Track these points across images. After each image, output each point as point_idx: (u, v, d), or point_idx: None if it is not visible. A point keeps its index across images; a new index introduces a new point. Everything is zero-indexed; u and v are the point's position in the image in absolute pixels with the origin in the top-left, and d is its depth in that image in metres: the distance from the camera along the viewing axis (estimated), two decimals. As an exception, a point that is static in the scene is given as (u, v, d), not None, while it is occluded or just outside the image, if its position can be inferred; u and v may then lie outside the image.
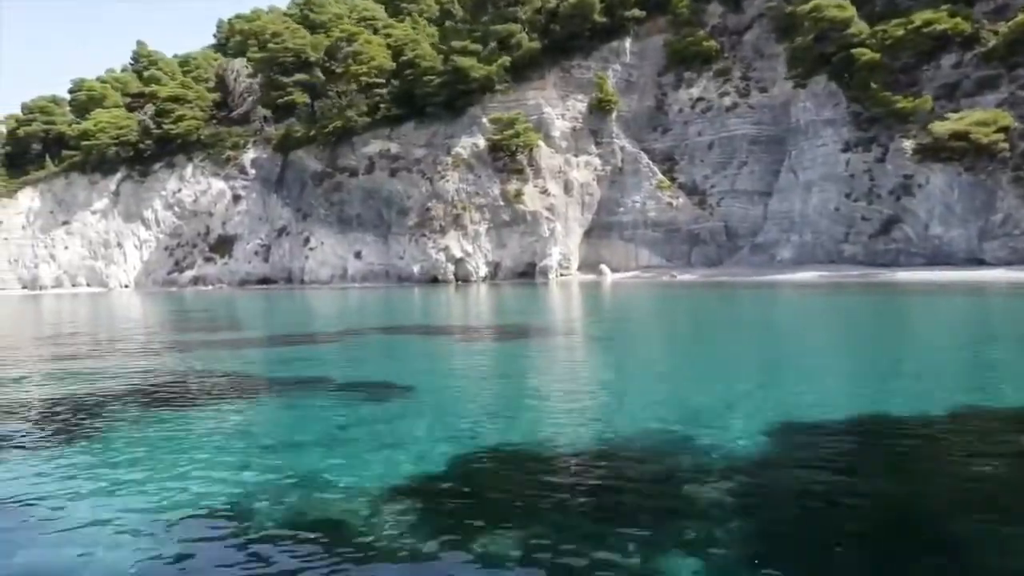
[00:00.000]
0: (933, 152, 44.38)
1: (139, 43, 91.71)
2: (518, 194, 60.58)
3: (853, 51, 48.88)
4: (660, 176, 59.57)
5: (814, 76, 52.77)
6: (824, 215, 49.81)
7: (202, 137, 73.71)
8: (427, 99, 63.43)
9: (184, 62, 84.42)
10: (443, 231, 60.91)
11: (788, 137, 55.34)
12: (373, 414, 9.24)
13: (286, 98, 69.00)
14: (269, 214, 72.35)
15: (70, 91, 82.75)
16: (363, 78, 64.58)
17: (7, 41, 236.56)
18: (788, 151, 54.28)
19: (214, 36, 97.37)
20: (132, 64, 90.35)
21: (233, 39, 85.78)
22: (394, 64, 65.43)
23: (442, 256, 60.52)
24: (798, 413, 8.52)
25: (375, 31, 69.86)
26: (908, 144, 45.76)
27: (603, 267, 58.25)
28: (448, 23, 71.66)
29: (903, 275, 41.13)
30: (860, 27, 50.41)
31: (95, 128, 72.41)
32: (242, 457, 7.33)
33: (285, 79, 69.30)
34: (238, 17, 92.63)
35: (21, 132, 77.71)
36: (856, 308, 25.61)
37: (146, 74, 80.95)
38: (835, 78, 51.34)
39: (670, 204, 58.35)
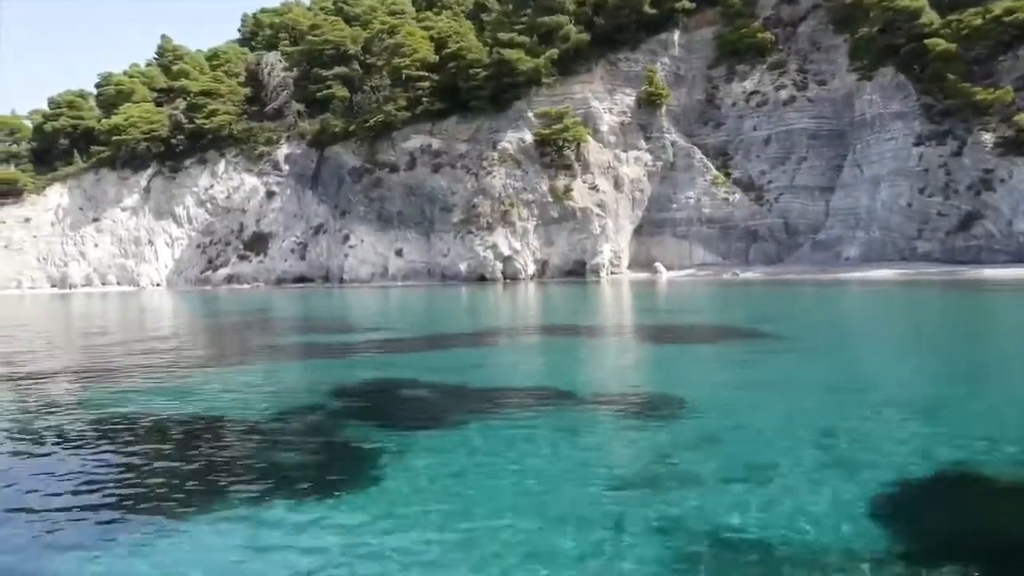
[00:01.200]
0: (1016, 145, 42.73)
1: (164, 37, 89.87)
2: (567, 190, 58.93)
3: (927, 42, 47.15)
4: (715, 171, 57.90)
5: (880, 68, 51.14)
6: (895, 211, 48.13)
7: (235, 132, 71.97)
8: (472, 93, 61.74)
9: (212, 56, 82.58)
10: (490, 228, 59.25)
11: (851, 131, 53.73)
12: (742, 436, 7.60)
13: (325, 92, 67.27)
14: (304, 211, 70.67)
15: (97, 85, 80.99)
16: (405, 71, 62.70)
17: (27, 37, 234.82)
18: (852, 145, 52.64)
19: (238, 31, 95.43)
20: (157, 59, 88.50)
21: (262, 33, 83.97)
22: (437, 57, 63.58)
23: (490, 254, 58.85)
24: None
25: (418, 22, 67.93)
26: (988, 137, 44.10)
27: (658, 265, 56.60)
28: (486, 15, 69.92)
29: (989, 272, 39.49)
30: (931, 16, 48.77)
31: (126, 123, 70.68)
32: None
33: (324, 72, 67.53)
34: (264, 11, 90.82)
35: (48, 127, 75.93)
36: (984, 306, 23.99)
37: (175, 68, 79.11)
38: (904, 70, 49.69)
39: (726, 200, 56.70)
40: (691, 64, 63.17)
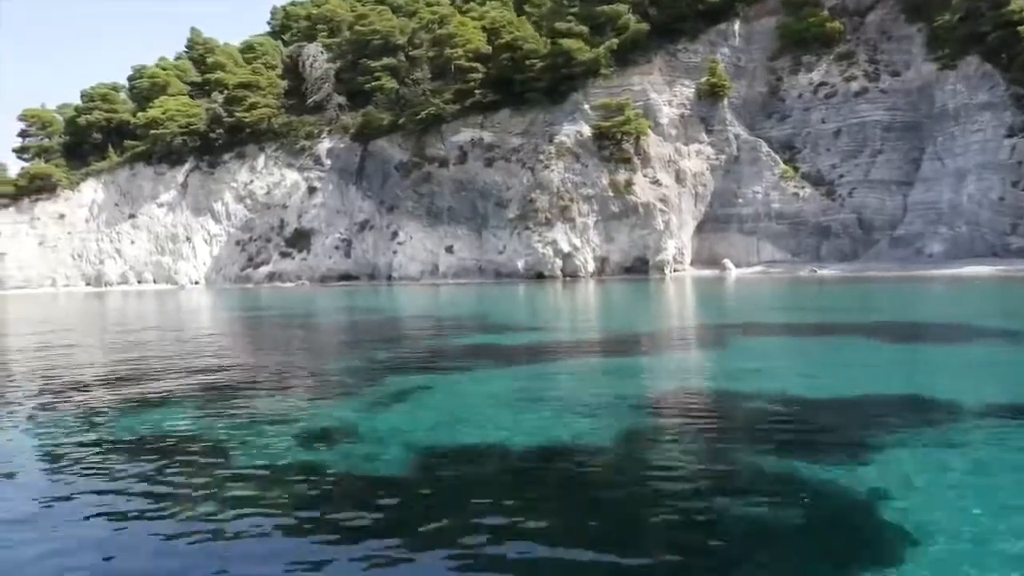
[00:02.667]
0: (1121, 136, 40.88)
1: (193, 30, 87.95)
2: (628, 184, 57.02)
3: (1020, 29, 45.29)
4: (783, 165, 56.02)
5: (963, 57, 49.25)
6: (984, 206, 46.26)
7: (275, 126, 70.01)
8: (527, 84, 59.82)
9: (246, 49, 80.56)
10: (549, 224, 57.32)
11: (928, 123, 51.88)
12: None
13: (374, 83, 65.22)
14: (348, 207, 68.71)
15: (130, 79, 79.05)
16: (456, 62, 60.72)
17: (49, 33, 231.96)
18: (933, 137, 50.77)
19: (268, 24, 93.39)
20: (187, 52, 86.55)
21: (296, 25, 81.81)
22: (489, 48, 61.64)
23: (549, 250, 56.93)
24: None
25: (461, 12, 65.98)
26: (1089, 128, 42.23)
27: (726, 262, 54.71)
28: (530, 6, 67.94)
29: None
30: (1020, 3, 46.89)
31: (163, 116, 68.66)
32: None
33: (373, 63, 65.53)
34: (295, 3, 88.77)
35: (82, 121, 73.85)
36: None
37: (209, 60, 77.13)
38: (990, 59, 47.84)
39: (796, 195, 54.83)
40: (751, 55, 61.35)
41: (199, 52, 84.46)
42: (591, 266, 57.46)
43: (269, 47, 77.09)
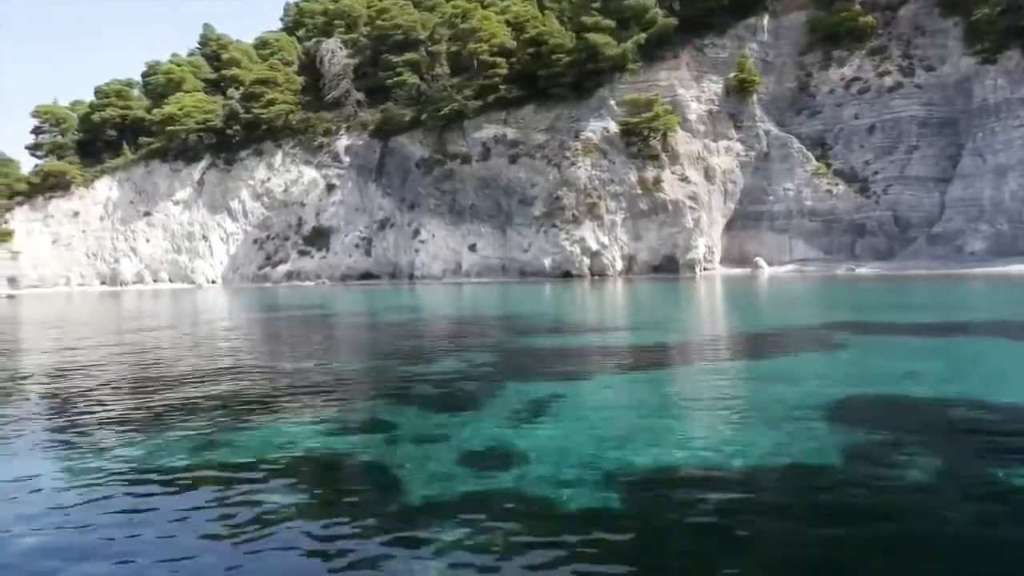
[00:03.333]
0: None
1: (206, 26, 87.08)
2: (656, 182, 56.01)
3: (1065, 21, 44.26)
4: (815, 162, 54.99)
5: (1004, 51, 48.23)
6: (1027, 202, 45.24)
7: (293, 123, 68.95)
8: (552, 80, 58.75)
9: (260, 45, 79.56)
10: (576, 221, 56.31)
11: (965, 118, 50.85)
12: None
13: (395, 79, 64.19)
14: (367, 205, 67.67)
15: (144, 75, 77.95)
16: (480, 57, 59.68)
17: (57, 30, 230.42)
18: (972, 133, 49.74)
19: (280, 20, 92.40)
20: (199, 48, 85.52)
21: (312, 21, 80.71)
22: (515, 42, 60.61)
23: (576, 248, 55.92)
24: None
25: (483, 7, 64.92)
26: None
27: (759, 260, 53.68)
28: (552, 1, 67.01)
29: None
30: (1064, -4, 45.89)
31: (180, 112, 67.58)
32: None
33: (395, 58, 64.47)
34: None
35: (96, 117, 72.75)
36: None
37: (224, 56, 76.09)
38: (1032, 52, 46.82)
39: (829, 192, 53.81)
40: (780, 50, 60.36)
41: (212, 48, 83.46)
42: (619, 265, 56.45)
43: (285, 43, 76.02)
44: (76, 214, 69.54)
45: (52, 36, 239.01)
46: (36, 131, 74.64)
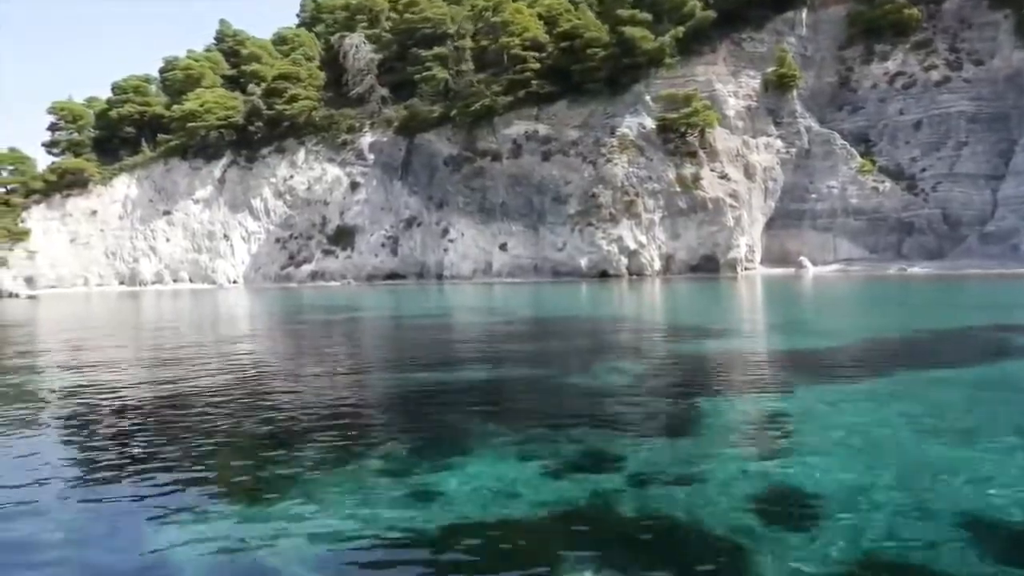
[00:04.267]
0: None
1: (223, 22, 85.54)
2: (695, 179, 54.55)
3: None
4: (859, 159, 53.53)
5: (1059, 44, 46.84)
6: (1088, 200, 43.82)
7: (316, 119, 67.41)
8: (587, 75, 57.30)
9: (279, 40, 77.96)
10: (613, 220, 54.80)
11: (1018, 113, 49.54)
12: None
13: (424, 73, 62.64)
14: (393, 203, 66.12)
15: (161, 71, 76.33)
16: (512, 52, 58.17)
17: (71, 25, 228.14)
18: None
19: (297, 16, 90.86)
20: (216, 44, 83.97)
21: (332, 15, 79.09)
22: (547, 36, 59.12)
23: (614, 248, 54.41)
24: None
25: (514, 0, 63.35)
26: None
27: (803, 259, 52.18)
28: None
29: None
30: (1125, -13, 44.47)
31: (201, 109, 66.01)
32: None
33: (424, 52, 62.92)
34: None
35: (114, 114, 71.14)
36: None
37: (244, 51, 74.51)
38: (1090, 45, 45.40)
39: (875, 190, 52.32)
40: (818, 45, 58.94)
41: (229, 44, 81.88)
42: (657, 264, 54.97)
43: (305, 38, 74.41)
44: (94, 213, 67.93)
45: (62, 34, 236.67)
46: (52, 128, 72.99)
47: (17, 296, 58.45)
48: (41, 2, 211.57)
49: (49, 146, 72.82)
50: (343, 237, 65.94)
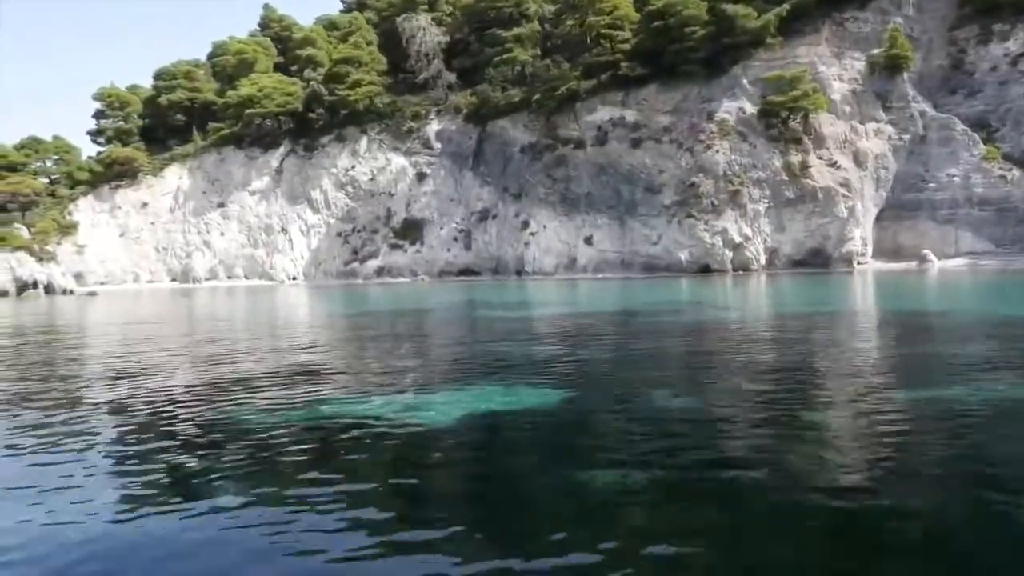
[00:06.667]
0: None
1: (267, 7, 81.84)
2: (804, 167, 50.86)
3: None
4: (983, 146, 49.84)
5: None
6: None
7: (380, 106, 63.59)
8: (682, 56, 53.51)
9: (331, 25, 74.15)
10: (716, 211, 51.09)
11: None
12: None
13: (505, 55, 58.82)
14: (463, 195, 62.35)
15: (210, 56, 72.48)
16: (604, 31, 54.45)
17: (110, 14, 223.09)
18: None
19: (342, 1, 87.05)
20: (260, 31, 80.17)
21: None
22: (638, 15, 55.43)
23: (718, 240, 50.70)
24: None
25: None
26: None
27: (927, 253, 48.44)
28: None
29: None
30: None
31: (260, 94, 62.15)
32: None
33: (504, 33, 59.10)
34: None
35: (163, 100, 67.14)
36: None
37: (297, 36, 70.72)
38: None
39: (1003, 178, 48.67)
40: (925, 25, 55.25)
41: (275, 31, 78.15)
42: (762, 259, 51.26)
43: (362, 22, 70.48)
44: (144, 205, 64.02)
45: (93, 27, 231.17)
46: (98, 115, 69.06)
47: (70, 293, 54.57)
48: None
49: (95, 135, 68.90)
50: (410, 231, 62.14)
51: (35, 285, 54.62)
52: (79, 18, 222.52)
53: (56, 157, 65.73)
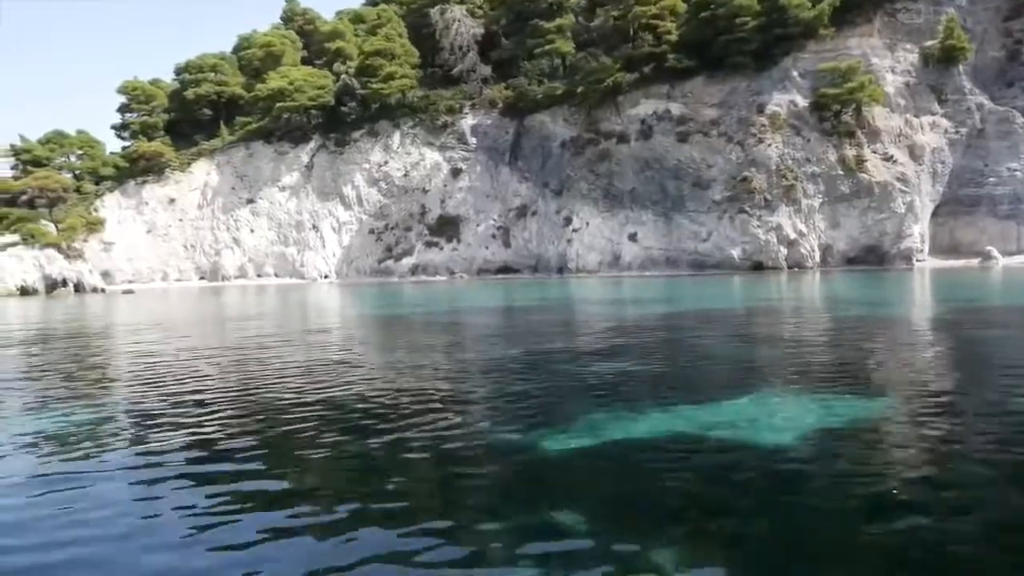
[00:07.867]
0: None
1: (290, 0, 80.00)
2: (859, 161, 49.50)
3: None
4: (1046, 139, 48.54)
5: None
6: None
7: (413, 100, 62.01)
8: (732, 48, 52.05)
9: (356, 18, 72.44)
10: (769, 206, 49.68)
11: None
12: None
13: (547, 47, 57.34)
14: (500, 191, 60.82)
15: (236, 49, 70.77)
16: (652, 21, 52.98)
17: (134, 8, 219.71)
18: None
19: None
20: (283, 24, 78.42)
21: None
22: (684, 4, 53.97)
23: (772, 237, 49.31)
24: None
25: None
26: None
27: (991, 250, 47.07)
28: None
29: None
30: None
31: (290, 87, 60.50)
32: None
33: (546, 24, 57.56)
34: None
35: (190, 94, 65.38)
36: None
37: (324, 28, 69.08)
38: None
39: (1067, 172, 47.34)
40: (978, 17, 53.85)
41: (298, 24, 76.46)
42: (816, 255, 49.87)
43: (391, 14, 68.80)
44: (172, 201, 62.34)
45: (113, 20, 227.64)
46: (123, 109, 67.31)
47: (102, 291, 52.93)
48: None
49: (119, 129, 67.18)
50: (446, 228, 60.60)
51: (64, 283, 52.99)
52: (86, 15, 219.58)
53: (80, 152, 63.98)
